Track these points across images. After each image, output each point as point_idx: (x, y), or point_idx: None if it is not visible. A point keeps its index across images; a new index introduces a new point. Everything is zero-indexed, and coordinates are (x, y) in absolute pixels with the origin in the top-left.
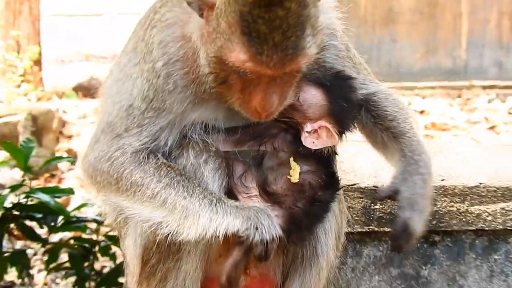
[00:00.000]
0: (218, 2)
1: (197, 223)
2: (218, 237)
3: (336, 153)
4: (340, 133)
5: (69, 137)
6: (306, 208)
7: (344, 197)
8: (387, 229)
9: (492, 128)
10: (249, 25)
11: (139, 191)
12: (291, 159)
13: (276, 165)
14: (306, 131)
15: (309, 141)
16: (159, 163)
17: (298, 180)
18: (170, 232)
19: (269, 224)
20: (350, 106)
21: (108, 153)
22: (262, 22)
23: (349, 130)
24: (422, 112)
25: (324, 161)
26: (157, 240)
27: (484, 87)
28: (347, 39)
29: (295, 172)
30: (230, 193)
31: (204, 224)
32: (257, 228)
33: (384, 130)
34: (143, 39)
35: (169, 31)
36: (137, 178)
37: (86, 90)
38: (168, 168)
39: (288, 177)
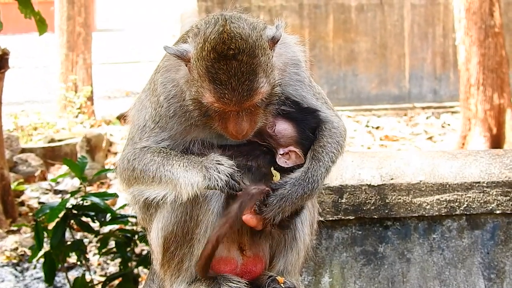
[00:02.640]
0: (191, 58)
1: (182, 188)
2: (196, 192)
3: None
4: (305, 155)
5: (115, 153)
6: None
7: (318, 193)
8: (351, 217)
9: (430, 138)
10: (213, 75)
11: (146, 174)
12: (272, 168)
13: (261, 177)
14: (280, 154)
15: (282, 161)
16: (158, 149)
17: None
18: (174, 197)
19: (219, 170)
20: (313, 134)
21: (127, 155)
22: (222, 72)
23: None
24: (377, 127)
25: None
26: (174, 232)
27: (423, 108)
28: (310, 72)
29: (277, 178)
30: None
31: (186, 188)
32: (209, 179)
33: (312, 150)
34: (153, 80)
35: (166, 74)
36: (142, 165)
37: (126, 118)
38: (162, 150)
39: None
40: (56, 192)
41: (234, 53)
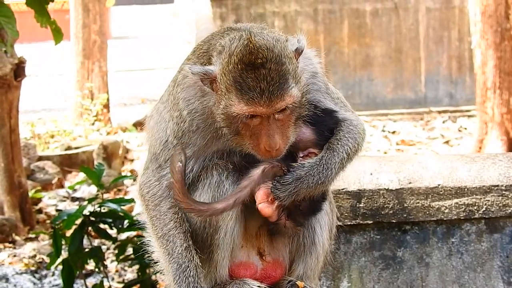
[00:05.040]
0: (217, 75)
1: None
2: None
3: None
4: None
5: (131, 160)
6: (305, 204)
7: (335, 198)
8: (369, 222)
9: (446, 142)
10: (241, 84)
11: (153, 226)
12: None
13: None
14: (300, 157)
15: None
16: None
17: None
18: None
19: None
20: (332, 134)
21: (150, 181)
22: (250, 80)
23: None
24: (394, 132)
25: None
26: (194, 239)
27: (439, 112)
28: (326, 79)
29: None
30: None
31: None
32: None
33: (328, 142)
34: (172, 93)
35: (189, 90)
36: (154, 214)
37: (143, 125)
38: (175, 216)
39: None
40: (74, 199)
41: (262, 62)
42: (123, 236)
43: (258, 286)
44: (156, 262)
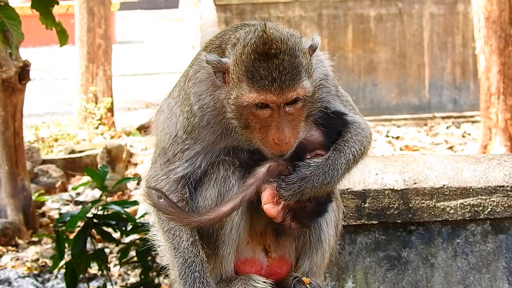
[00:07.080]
0: (230, 66)
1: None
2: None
3: None
4: None
5: (135, 164)
6: (311, 205)
7: (341, 198)
8: (374, 222)
9: (450, 148)
10: (253, 73)
11: (160, 220)
12: None
13: None
14: (307, 158)
15: None
16: (182, 198)
17: None
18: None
19: None
20: (339, 136)
21: (158, 175)
22: (262, 69)
23: None
24: (397, 137)
25: None
26: (200, 233)
27: (443, 118)
28: (337, 82)
29: None
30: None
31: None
32: None
33: (335, 143)
34: (184, 88)
35: (201, 84)
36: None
37: (147, 129)
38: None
39: None
40: (77, 203)
41: (276, 53)
42: (127, 239)
43: (264, 282)
44: (162, 257)
